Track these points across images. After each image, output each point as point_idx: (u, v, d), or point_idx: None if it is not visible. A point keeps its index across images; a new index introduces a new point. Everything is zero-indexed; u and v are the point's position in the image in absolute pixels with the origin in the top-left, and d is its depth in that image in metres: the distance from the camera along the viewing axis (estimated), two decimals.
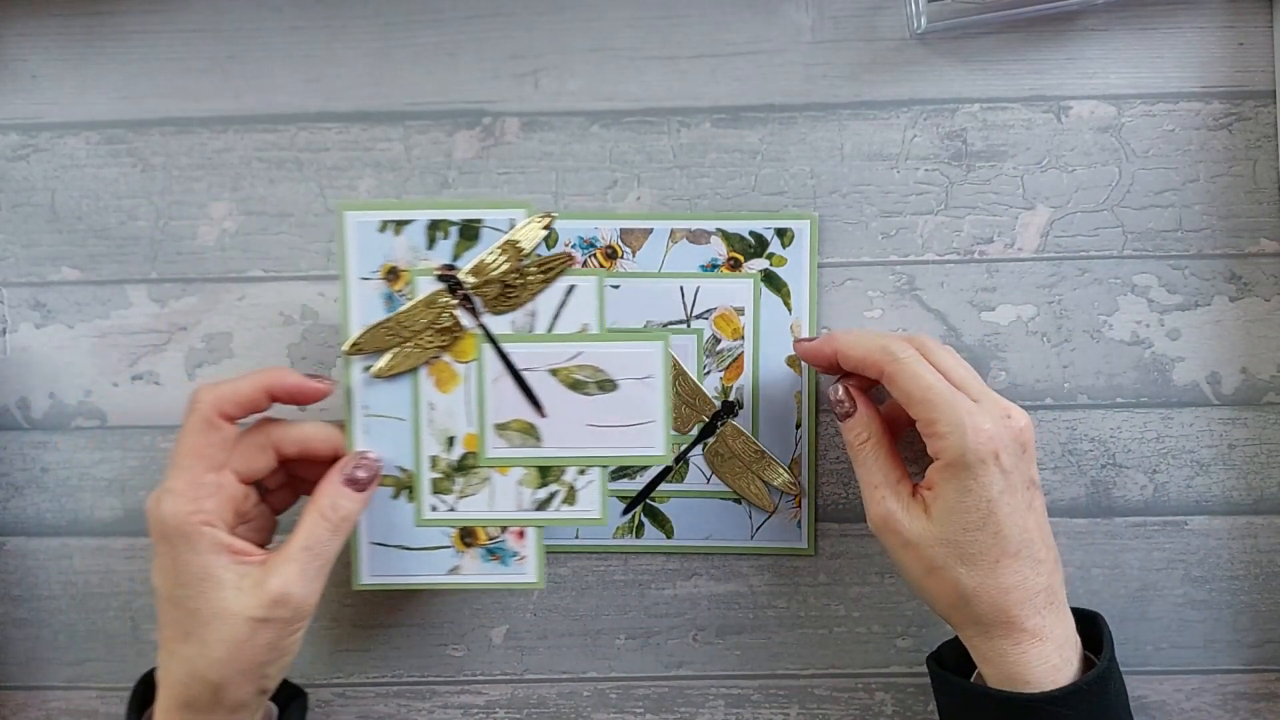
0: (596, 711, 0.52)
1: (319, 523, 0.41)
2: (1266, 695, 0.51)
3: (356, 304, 0.45)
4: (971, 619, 0.41)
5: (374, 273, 0.45)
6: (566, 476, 0.45)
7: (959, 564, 0.40)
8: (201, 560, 0.39)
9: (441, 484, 0.45)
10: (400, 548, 0.46)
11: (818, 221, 0.50)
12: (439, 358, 0.45)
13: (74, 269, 0.52)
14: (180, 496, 0.39)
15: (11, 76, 0.52)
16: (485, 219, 0.45)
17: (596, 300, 0.45)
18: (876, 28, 0.51)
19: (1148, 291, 0.51)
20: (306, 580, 0.40)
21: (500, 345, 0.44)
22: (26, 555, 0.52)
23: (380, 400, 0.45)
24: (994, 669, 0.41)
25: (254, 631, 0.39)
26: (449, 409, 0.45)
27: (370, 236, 0.45)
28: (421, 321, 0.44)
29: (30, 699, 0.52)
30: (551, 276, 0.45)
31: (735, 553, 0.51)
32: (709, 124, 0.51)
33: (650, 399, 0.45)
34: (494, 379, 0.45)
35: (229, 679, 0.39)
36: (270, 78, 0.51)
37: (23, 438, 0.52)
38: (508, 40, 0.51)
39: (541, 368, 0.45)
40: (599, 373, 0.45)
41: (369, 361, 0.45)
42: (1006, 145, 0.51)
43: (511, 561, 0.46)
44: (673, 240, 0.50)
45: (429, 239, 0.45)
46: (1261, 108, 0.50)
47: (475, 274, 0.44)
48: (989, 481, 0.40)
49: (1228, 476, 0.51)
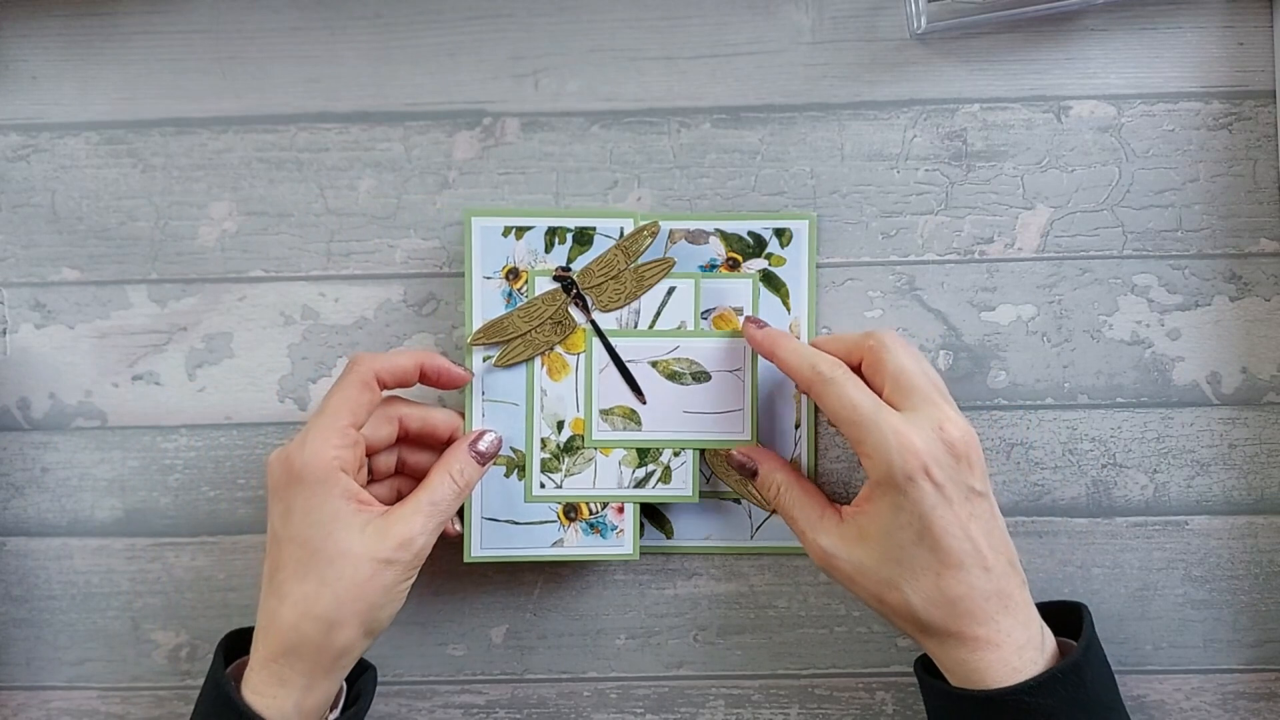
0: (596, 711, 0.52)
1: (446, 482, 0.44)
2: (1266, 695, 0.51)
3: (479, 300, 0.49)
4: (925, 632, 0.41)
5: (496, 273, 0.49)
6: (663, 458, 0.49)
7: (903, 581, 0.40)
8: (334, 504, 0.42)
9: (550, 463, 0.49)
10: (510, 522, 0.49)
11: (816, 221, 0.50)
12: (552, 349, 0.49)
13: (74, 269, 0.52)
14: (325, 442, 0.42)
15: (11, 77, 0.52)
16: (598, 227, 0.49)
17: (694, 300, 0.49)
18: (876, 28, 0.51)
19: (1148, 291, 0.51)
20: (428, 530, 0.43)
21: (607, 339, 0.49)
22: (27, 555, 0.52)
23: (497, 387, 0.49)
24: (957, 678, 0.41)
25: (376, 572, 0.41)
26: (559, 395, 0.49)
27: (494, 240, 0.49)
28: (538, 317, 0.49)
29: (30, 699, 0.52)
30: (655, 279, 0.49)
31: (735, 553, 0.51)
32: (709, 124, 0.51)
33: (739, 389, 0.49)
34: (600, 369, 0.49)
35: (345, 618, 0.41)
36: (270, 78, 0.51)
37: (23, 438, 0.52)
38: (508, 40, 0.51)
39: (643, 359, 0.49)
40: (694, 365, 0.49)
41: (489, 352, 0.49)
42: (1006, 145, 0.51)
43: (611, 535, 0.49)
44: (671, 241, 0.50)
45: (547, 244, 0.49)
46: (1261, 108, 0.50)
47: (587, 275, 0.49)
48: (919, 497, 0.40)
49: (1228, 476, 0.51)
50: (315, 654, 0.41)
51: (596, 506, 0.49)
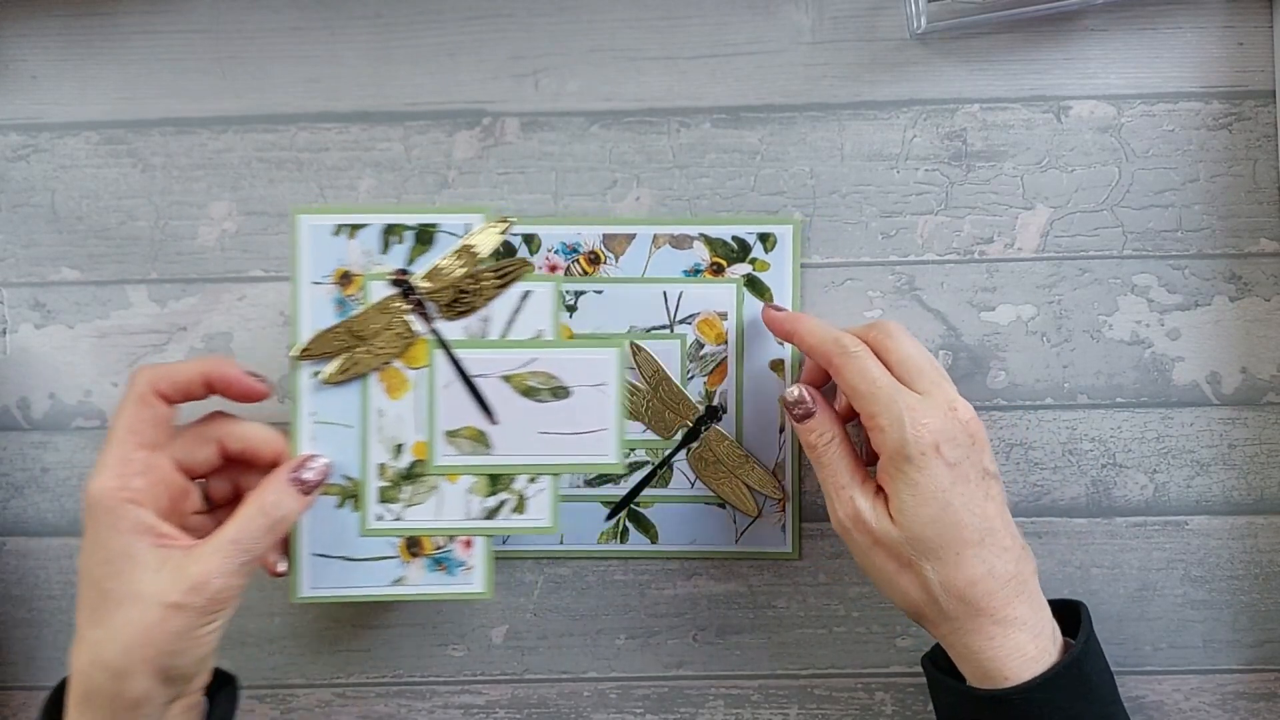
0: (596, 711, 0.52)
1: (255, 517, 0.39)
2: (1266, 695, 0.51)
3: (307, 308, 0.44)
4: (943, 615, 0.41)
5: (326, 277, 0.45)
6: (516, 484, 0.44)
7: (924, 559, 0.40)
8: (122, 540, 0.38)
9: (388, 492, 0.44)
10: (343, 559, 0.44)
11: (800, 226, 0.50)
12: (390, 364, 0.44)
13: (74, 269, 0.52)
14: (107, 471, 0.38)
15: (11, 76, 0.52)
16: (441, 224, 0.44)
17: (551, 306, 0.44)
18: (876, 28, 0.51)
19: (1148, 291, 0.51)
20: (228, 573, 0.38)
21: (452, 351, 0.44)
22: (26, 555, 0.52)
23: (328, 407, 0.44)
24: (972, 666, 0.41)
25: (165, 617, 0.37)
26: (398, 416, 0.44)
27: (324, 240, 0.44)
28: (373, 327, 0.44)
29: (30, 699, 0.52)
30: (507, 282, 0.44)
31: (719, 558, 0.51)
32: (709, 124, 0.51)
33: (604, 406, 0.44)
34: (445, 385, 0.44)
35: (133, 666, 0.37)
36: (270, 78, 0.51)
37: (23, 438, 0.52)
38: (508, 40, 0.51)
39: (494, 374, 0.44)
40: (552, 379, 0.44)
41: (318, 367, 0.44)
42: (1006, 145, 0.51)
43: (458, 571, 0.45)
44: (656, 245, 0.50)
45: (383, 243, 0.45)
46: (1261, 108, 0.50)
47: (429, 279, 0.44)
48: (935, 474, 0.40)
49: (1228, 476, 0.51)
50: (109, 703, 0.37)
51: (442, 540, 0.45)
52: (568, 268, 0.50)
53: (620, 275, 0.50)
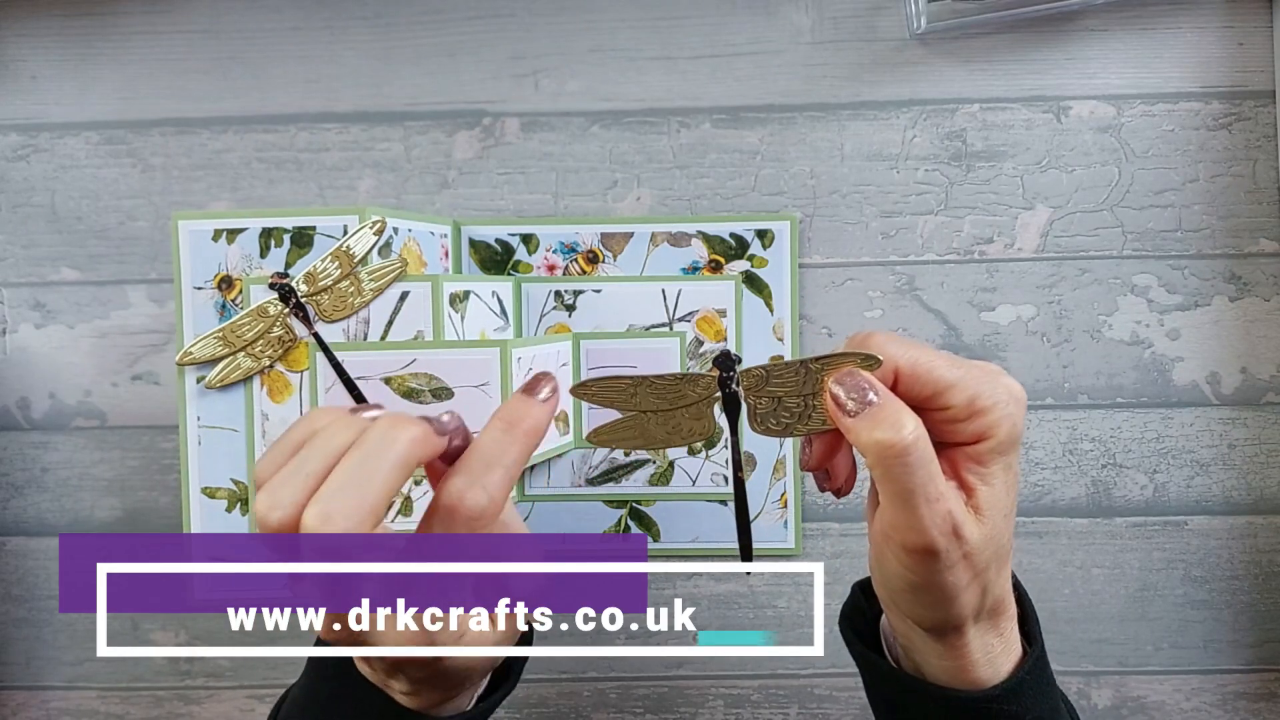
0: (596, 711, 0.52)
1: None
2: (1266, 695, 0.51)
3: (189, 314, 0.45)
4: (982, 613, 0.34)
5: (207, 282, 0.45)
6: (403, 487, 0.44)
7: (992, 563, 0.33)
8: None
9: None
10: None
11: (798, 222, 0.50)
12: (272, 367, 0.44)
13: (74, 269, 0.52)
14: None
15: (11, 76, 0.52)
16: (318, 226, 0.44)
17: (431, 306, 0.43)
18: (876, 28, 0.51)
19: (1147, 291, 0.51)
20: None
21: (333, 353, 0.43)
22: (26, 555, 0.52)
23: (213, 411, 0.45)
24: (982, 666, 0.35)
25: None
26: (283, 419, 0.44)
27: (204, 245, 0.45)
28: (254, 331, 0.44)
29: (30, 699, 0.52)
30: (384, 284, 0.44)
31: (721, 555, 0.51)
32: (709, 124, 0.51)
33: (487, 406, 0.43)
34: (327, 388, 0.43)
35: None
36: (270, 78, 0.51)
37: (23, 438, 0.52)
38: (508, 41, 0.51)
39: (375, 376, 0.43)
40: (434, 380, 0.43)
41: (202, 372, 0.44)
42: (1006, 145, 0.51)
43: None
44: (654, 244, 0.50)
45: (262, 247, 0.45)
46: (1261, 108, 0.50)
47: (307, 282, 0.44)
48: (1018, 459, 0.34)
49: (1228, 476, 0.51)
50: None
51: None
52: (566, 267, 0.50)
53: (619, 274, 0.50)
